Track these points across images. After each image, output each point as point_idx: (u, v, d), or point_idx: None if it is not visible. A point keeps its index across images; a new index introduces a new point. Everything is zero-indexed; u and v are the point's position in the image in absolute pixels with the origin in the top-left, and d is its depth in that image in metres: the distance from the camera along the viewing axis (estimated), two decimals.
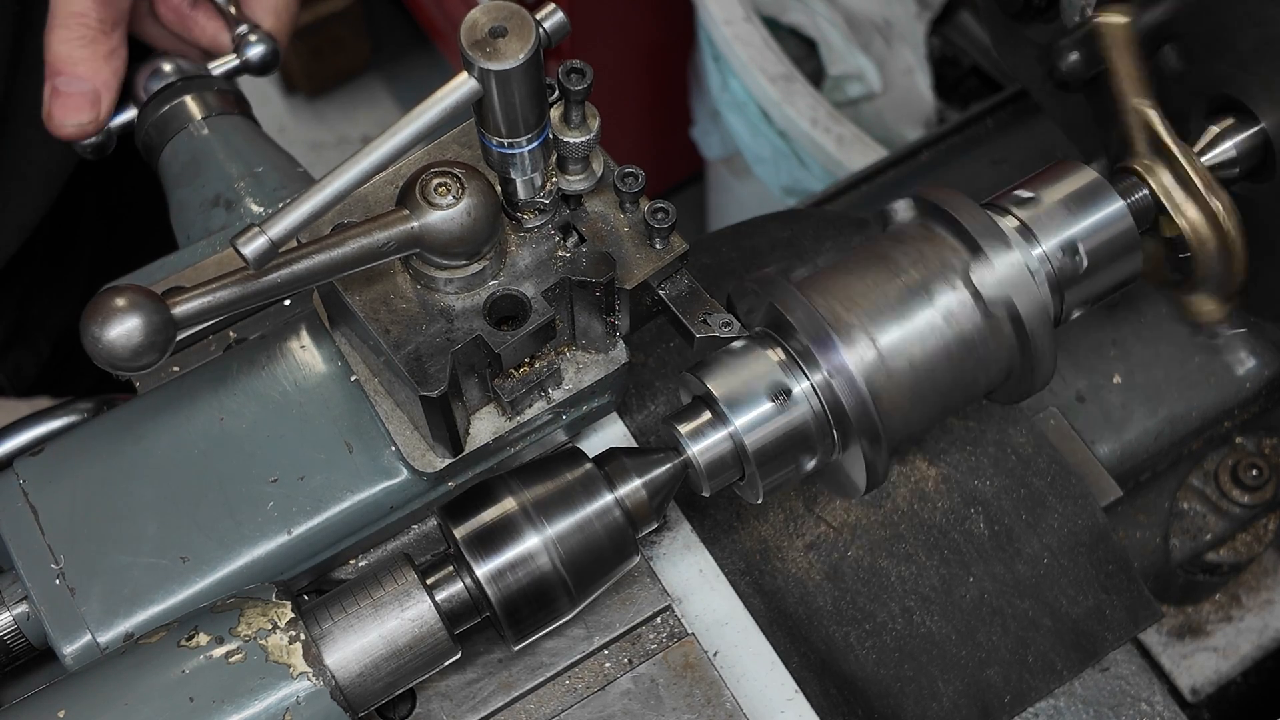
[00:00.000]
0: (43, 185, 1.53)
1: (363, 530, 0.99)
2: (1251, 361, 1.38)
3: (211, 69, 1.32)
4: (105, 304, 0.83)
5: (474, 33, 0.84)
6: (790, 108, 2.28)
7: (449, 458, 0.97)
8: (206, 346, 1.11)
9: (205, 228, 1.21)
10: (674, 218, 0.96)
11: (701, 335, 0.99)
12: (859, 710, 1.09)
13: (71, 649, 0.93)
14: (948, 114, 2.59)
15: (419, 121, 0.86)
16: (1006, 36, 1.29)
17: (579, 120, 0.93)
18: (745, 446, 0.94)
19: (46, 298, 1.70)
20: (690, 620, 1.02)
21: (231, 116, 1.29)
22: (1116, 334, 1.38)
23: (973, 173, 1.55)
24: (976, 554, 1.16)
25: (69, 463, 0.99)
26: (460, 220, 0.90)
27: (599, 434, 1.08)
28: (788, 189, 2.40)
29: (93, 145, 1.27)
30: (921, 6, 2.60)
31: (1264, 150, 1.08)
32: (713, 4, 2.37)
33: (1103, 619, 1.16)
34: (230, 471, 0.97)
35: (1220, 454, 1.42)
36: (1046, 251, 1.01)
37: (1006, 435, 1.20)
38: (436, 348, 0.92)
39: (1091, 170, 1.04)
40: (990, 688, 1.13)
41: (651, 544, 1.06)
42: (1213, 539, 1.42)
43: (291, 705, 0.88)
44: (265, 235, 0.84)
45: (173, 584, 0.94)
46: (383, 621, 0.90)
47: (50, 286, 1.70)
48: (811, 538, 1.15)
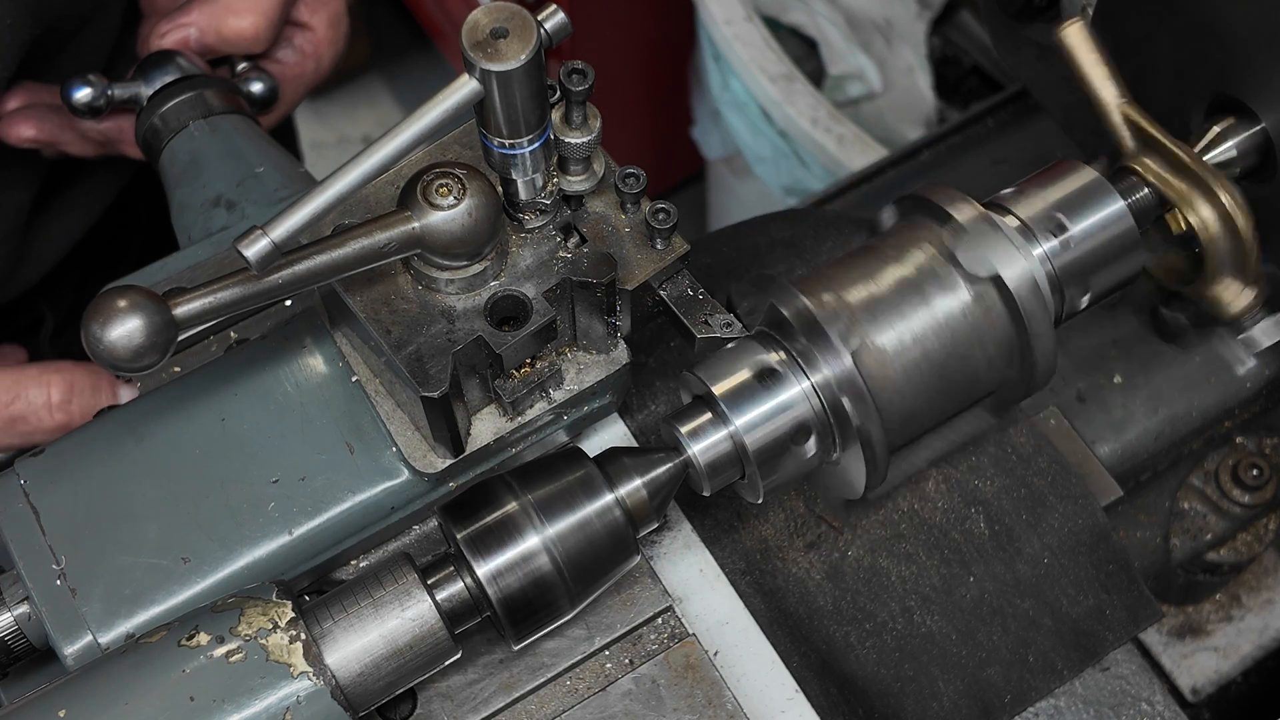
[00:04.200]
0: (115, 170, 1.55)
1: (363, 531, 0.99)
2: (1251, 361, 1.38)
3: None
4: (107, 304, 0.83)
5: (475, 33, 0.84)
6: (791, 107, 2.28)
7: (450, 458, 0.97)
8: (208, 347, 1.12)
9: (206, 228, 1.21)
10: (675, 218, 0.97)
11: (702, 336, 0.99)
12: (859, 710, 1.09)
13: (72, 649, 0.93)
14: (948, 114, 2.59)
15: (421, 122, 0.86)
16: (1007, 36, 1.29)
17: (580, 121, 0.93)
18: (745, 446, 0.94)
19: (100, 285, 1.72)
20: (691, 620, 1.03)
21: (232, 116, 1.29)
22: (1117, 334, 1.38)
23: (973, 172, 1.55)
24: (977, 554, 1.16)
25: (70, 463, 0.99)
26: (461, 221, 0.90)
27: (600, 434, 1.08)
28: (788, 189, 2.40)
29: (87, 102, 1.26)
30: (922, 6, 2.60)
31: (1264, 150, 1.08)
32: (713, 4, 2.37)
33: (1103, 619, 1.16)
34: (231, 472, 0.98)
35: (1221, 454, 1.42)
36: (1047, 251, 1.01)
37: (1007, 435, 1.20)
38: (437, 348, 0.92)
39: (1092, 170, 1.04)
40: (991, 687, 1.13)
41: (652, 544, 1.06)
42: (1213, 539, 1.42)
43: (292, 705, 0.88)
44: (267, 237, 0.84)
45: (174, 584, 0.95)
46: (383, 621, 0.90)
47: (105, 274, 1.72)
48: (812, 537, 1.15)
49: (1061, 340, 1.01)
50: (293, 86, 1.39)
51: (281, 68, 1.38)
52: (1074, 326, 1.12)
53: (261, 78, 1.33)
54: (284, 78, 1.38)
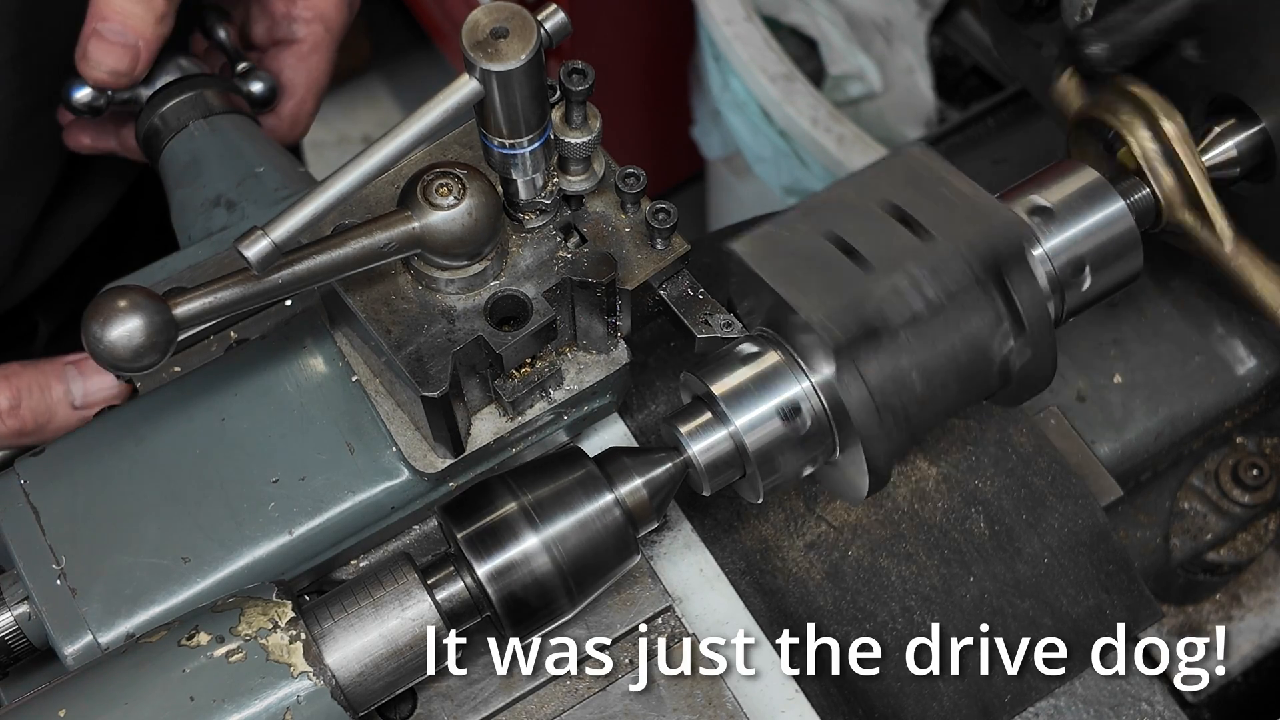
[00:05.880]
0: (115, 179, 1.54)
1: (364, 530, 0.99)
2: (1252, 361, 1.38)
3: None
4: (107, 304, 0.83)
5: (475, 33, 0.84)
6: (791, 107, 2.28)
7: (450, 458, 0.97)
8: (208, 347, 1.11)
9: (206, 228, 1.21)
10: (675, 218, 0.97)
11: (703, 335, 0.99)
12: (859, 710, 1.09)
13: (72, 649, 0.93)
14: (948, 113, 2.59)
15: (421, 123, 0.86)
16: (1007, 36, 1.29)
17: (580, 121, 0.93)
18: (745, 446, 0.94)
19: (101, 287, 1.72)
20: (691, 620, 1.03)
21: (232, 116, 1.29)
22: (1117, 334, 1.38)
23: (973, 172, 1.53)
24: (977, 553, 1.16)
25: (70, 463, 0.99)
26: (461, 221, 0.90)
27: (600, 434, 1.08)
28: (788, 188, 2.40)
29: (88, 102, 1.26)
30: (922, 6, 2.60)
31: (1265, 150, 1.08)
32: (713, 4, 2.36)
33: (1103, 619, 1.16)
34: (231, 472, 0.98)
35: (1221, 454, 1.42)
36: (1047, 251, 1.01)
37: (1007, 435, 1.20)
38: (438, 348, 0.92)
39: (1092, 170, 1.04)
40: (991, 687, 1.13)
41: (652, 543, 1.06)
42: (1213, 539, 1.42)
43: (292, 704, 0.88)
44: (268, 238, 0.84)
45: (174, 584, 0.95)
46: (383, 621, 0.90)
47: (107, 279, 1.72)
48: (812, 537, 1.15)
49: (1061, 340, 1.01)
50: (314, 60, 1.36)
51: (294, 47, 1.36)
52: (1074, 326, 1.12)
53: (261, 77, 1.33)
54: (301, 55, 1.35)
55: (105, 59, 1.18)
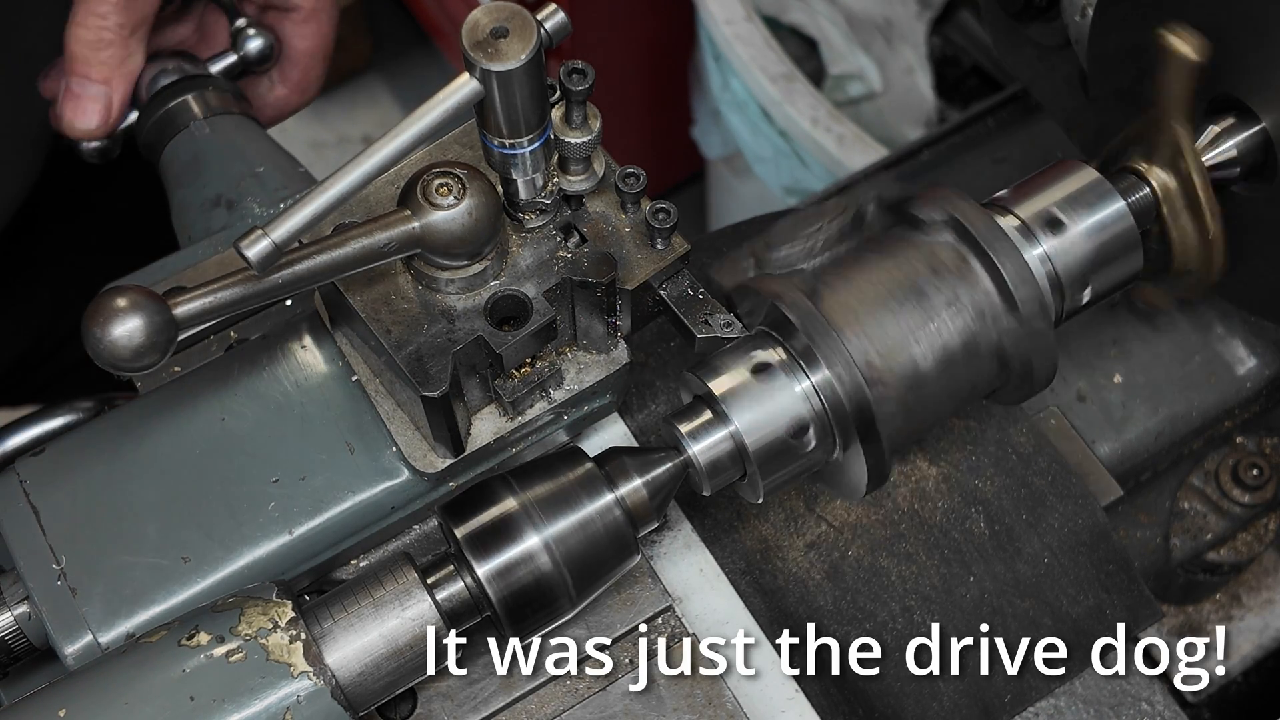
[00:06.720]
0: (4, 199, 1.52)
1: (364, 530, 0.99)
2: (1252, 361, 1.38)
3: (212, 69, 1.31)
4: (107, 304, 0.83)
5: (475, 33, 0.84)
6: (791, 107, 2.28)
7: (450, 458, 0.97)
8: (208, 347, 1.12)
9: (206, 228, 1.21)
10: (675, 218, 0.97)
11: (703, 335, 0.99)
12: (859, 710, 1.09)
13: (73, 649, 0.93)
14: (948, 113, 2.59)
15: (421, 123, 0.86)
16: (1007, 36, 1.29)
17: (580, 120, 0.93)
18: (745, 446, 0.94)
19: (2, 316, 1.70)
20: (691, 620, 1.03)
21: (232, 116, 1.29)
22: (1117, 334, 1.38)
23: (973, 172, 1.55)
24: (977, 553, 1.16)
25: (70, 463, 0.99)
26: (462, 221, 0.90)
27: (600, 434, 1.08)
28: (789, 188, 2.40)
29: (97, 149, 1.27)
30: (922, 6, 2.60)
31: (1264, 150, 1.08)
32: (713, 4, 2.36)
33: (1103, 618, 1.16)
34: (231, 472, 0.98)
35: (1221, 453, 1.42)
36: (1047, 251, 1.01)
37: (1007, 435, 1.20)
38: (438, 348, 0.92)
39: (1092, 170, 1.04)
40: (990, 687, 1.13)
41: (652, 543, 1.06)
42: (1213, 539, 1.42)
43: (292, 704, 0.88)
44: (268, 238, 0.84)
45: (174, 584, 0.95)
46: (383, 621, 0.90)
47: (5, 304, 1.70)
48: (812, 537, 1.15)
49: (1061, 340, 1.01)
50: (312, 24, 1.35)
51: (292, 14, 1.34)
52: (1074, 326, 1.12)
53: (261, 34, 1.32)
54: (298, 21, 1.35)
55: (78, 119, 1.22)
